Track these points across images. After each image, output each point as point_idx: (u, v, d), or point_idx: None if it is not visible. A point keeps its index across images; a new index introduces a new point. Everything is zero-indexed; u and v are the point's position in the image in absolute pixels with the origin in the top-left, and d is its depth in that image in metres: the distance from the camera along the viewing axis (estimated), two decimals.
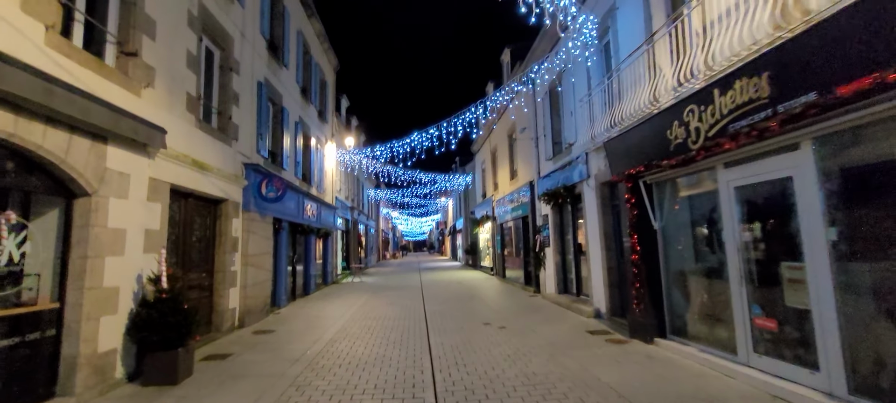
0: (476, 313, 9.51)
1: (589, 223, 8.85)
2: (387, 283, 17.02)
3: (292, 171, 12.15)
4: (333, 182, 18.11)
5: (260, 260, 9.20)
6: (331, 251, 17.03)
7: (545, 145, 11.56)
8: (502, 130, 16.92)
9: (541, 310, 9.57)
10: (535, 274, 12.53)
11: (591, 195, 8.69)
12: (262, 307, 9.24)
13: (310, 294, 13.51)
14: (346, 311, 10.12)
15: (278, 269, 10.80)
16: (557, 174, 10.48)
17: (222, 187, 7.77)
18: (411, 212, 45.31)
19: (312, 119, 14.77)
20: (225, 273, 7.86)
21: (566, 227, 10.98)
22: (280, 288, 10.77)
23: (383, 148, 13.99)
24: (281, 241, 10.98)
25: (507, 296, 12.15)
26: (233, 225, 8.16)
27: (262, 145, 9.72)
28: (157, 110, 5.79)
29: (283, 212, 10.86)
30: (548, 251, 11.69)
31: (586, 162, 8.77)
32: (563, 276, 10.97)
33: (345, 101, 22.04)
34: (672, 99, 5.61)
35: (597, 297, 8.52)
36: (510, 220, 15.87)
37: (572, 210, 10.26)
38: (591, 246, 8.78)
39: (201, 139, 7.10)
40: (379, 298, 12.39)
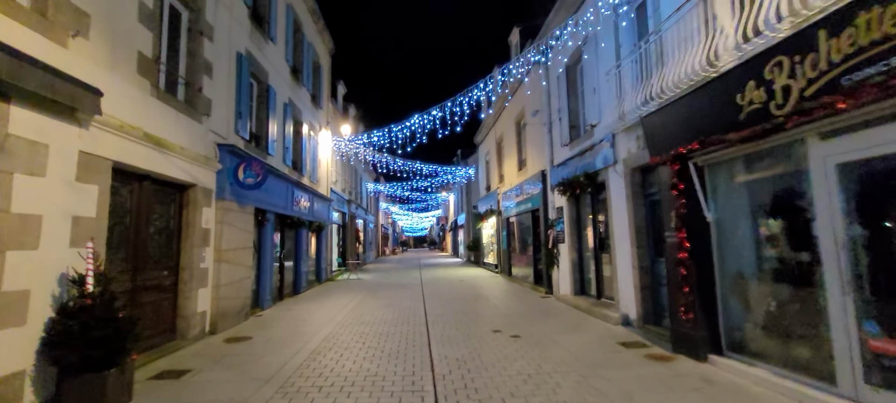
0: (483, 317, 8.37)
1: (615, 215, 7.70)
2: (385, 281, 15.89)
3: (280, 158, 10.99)
4: (329, 173, 16.95)
5: (237, 256, 8.05)
6: (325, 246, 15.89)
7: (560, 129, 10.39)
8: (510, 117, 15.74)
9: (557, 315, 8.43)
10: (547, 272, 11.39)
11: (618, 183, 7.53)
12: (240, 309, 8.10)
13: (300, 293, 12.38)
14: (338, 314, 8.99)
15: (262, 266, 9.66)
16: (575, 161, 9.32)
17: (189, 170, 6.62)
18: (411, 207, 44.18)
19: (304, 103, 13.60)
20: (192, 270, 6.72)
21: (584, 221, 9.83)
22: (264, 287, 9.63)
23: (382, 133, 12.81)
24: (265, 235, 9.83)
25: (516, 297, 11.02)
26: (203, 216, 7.01)
27: (241, 125, 8.56)
28: (92, 67, 4.63)
29: (268, 202, 9.71)
30: (562, 247, 10.54)
31: (613, 144, 7.60)
32: (579, 276, 9.82)
33: (341, 88, 20.85)
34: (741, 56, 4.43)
35: (624, 301, 7.37)
36: (517, 214, 14.72)
37: (592, 201, 9.10)
38: (617, 243, 7.63)
39: (160, 111, 5.93)
40: (375, 298, 11.25)
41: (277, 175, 10.33)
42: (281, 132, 11.16)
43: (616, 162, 7.54)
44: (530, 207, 12.92)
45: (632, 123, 6.90)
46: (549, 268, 11.20)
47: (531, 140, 13.13)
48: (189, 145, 6.62)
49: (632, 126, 6.96)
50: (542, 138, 11.90)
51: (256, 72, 9.68)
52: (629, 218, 7.17)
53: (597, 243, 8.97)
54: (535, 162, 12.62)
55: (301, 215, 12.36)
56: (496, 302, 10.22)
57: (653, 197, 6.88)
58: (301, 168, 13.01)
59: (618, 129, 7.40)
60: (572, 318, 8.03)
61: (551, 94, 11.08)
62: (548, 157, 11.27)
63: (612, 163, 7.62)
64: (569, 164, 9.71)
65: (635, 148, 6.94)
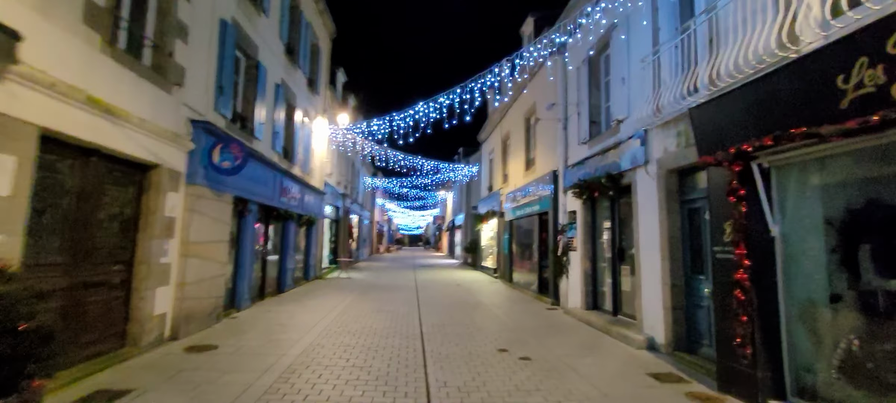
0: (486, 331, 7.41)
1: (642, 223, 6.76)
2: (377, 282, 14.91)
3: (268, 143, 10.00)
4: (323, 164, 15.95)
5: (209, 250, 7.06)
6: (315, 242, 14.89)
7: (578, 126, 9.44)
8: (518, 113, 14.79)
9: (569, 332, 7.48)
10: (555, 282, 10.45)
11: (649, 186, 6.59)
12: (211, 310, 7.11)
13: (284, 291, 11.39)
14: (323, 318, 8.01)
15: (241, 261, 8.67)
16: (595, 161, 8.38)
17: (151, 147, 5.62)
18: (409, 204, 43.22)
19: (299, 87, 12.60)
20: (151, 266, 5.73)
21: (600, 227, 8.89)
22: (241, 285, 8.64)
23: (382, 122, 11.84)
24: (246, 227, 8.84)
25: (520, 307, 10.06)
26: (167, 202, 6.02)
27: (223, 102, 7.56)
28: (13, 4, 3.64)
29: (251, 191, 8.72)
30: (573, 255, 9.60)
31: (644, 142, 6.66)
32: (592, 288, 8.88)
33: (341, 76, 19.83)
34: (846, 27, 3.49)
35: (649, 322, 6.44)
36: (522, 217, 13.77)
37: (613, 206, 8.16)
38: (643, 254, 6.69)
39: (114, 73, 4.94)
40: (366, 301, 10.28)
41: (264, 161, 9.34)
42: (270, 115, 10.17)
43: (647, 162, 6.60)
44: (537, 210, 11.98)
45: (670, 118, 5.96)
46: (556, 277, 10.26)
47: (542, 138, 12.19)
48: (153, 118, 5.63)
49: (670, 121, 6.03)
50: (554, 136, 10.96)
51: (244, 45, 8.68)
52: (661, 227, 6.23)
53: (615, 253, 8.02)
54: (546, 161, 11.68)
55: (289, 207, 11.37)
56: (498, 313, 9.27)
57: (692, 203, 5.95)
58: (292, 156, 12.02)
59: (652, 125, 6.46)
60: (587, 337, 7.09)
61: (569, 87, 10.14)
62: (561, 157, 10.33)
63: (643, 164, 6.68)
64: (587, 164, 8.77)
65: (674, 146, 6.00)
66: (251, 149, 8.46)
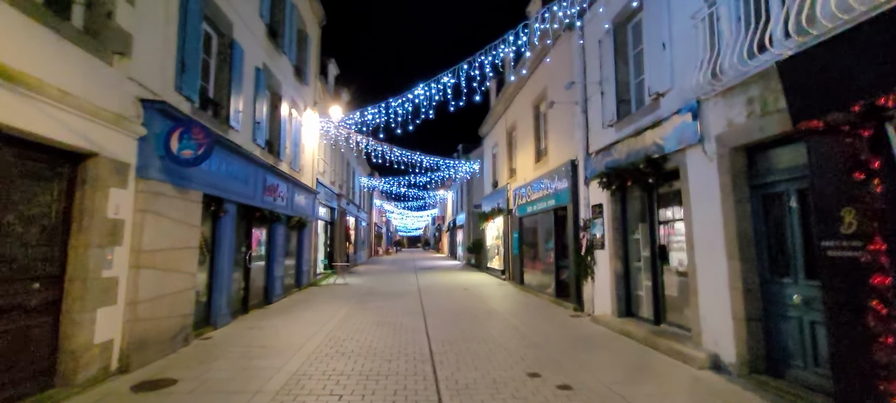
0: (507, 348, 6.22)
1: (698, 214, 5.58)
2: (377, 287, 13.69)
3: (248, 134, 8.77)
4: (315, 161, 14.73)
5: (172, 259, 5.84)
6: (308, 245, 13.66)
7: (602, 107, 8.26)
8: (526, 101, 13.60)
9: (606, 348, 6.29)
10: (577, 285, 9.26)
11: (705, 169, 5.41)
12: (175, 333, 5.88)
13: (272, 302, 10.16)
14: (314, 335, 6.79)
15: (217, 271, 7.44)
16: (626, 144, 7.20)
17: (84, 131, 4.41)
18: (407, 205, 42.04)
19: (285, 75, 11.38)
20: (88, 281, 4.50)
21: (631, 221, 7.71)
22: (218, 298, 7.41)
23: (376, 110, 10.63)
24: (222, 231, 7.61)
25: (540, 315, 8.87)
26: (110, 201, 4.79)
27: (187, 82, 6.34)
28: None
29: (226, 189, 7.50)
30: (599, 254, 8.42)
31: (697, 116, 5.48)
32: (625, 292, 7.70)
33: (333, 68, 18.59)
34: None
35: (711, 335, 5.25)
36: (533, 214, 12.58)
37: (650, 195, 6.98)
38: (700, 252, 5.51)
39: (24, 30, 3.73)
40: (364, 311, 9.07)
41: (242, 155, 8.12)
42: (251, 103, 8.94)
43: (703, 139, 5.41)
44: (552, 205, 10.80)
45: (736, 82, 4.79)
46: (581, 279, 9.07)
47: (555, 125, 11.01)
48: (85, 93, 4.41)
49: (735, 86, 4.85)
50: (571, 121, 9.78)
51: (214, 19, 7.46)
52: (725, 219, 5.04)
53: (655, 251, 6.85)
54: (561, 150, 10.50)
55: (275, 208, 10.14)
56: (516, 322, 8.07)
57: (769, 188, 4.76)
58: (278, 151, 10.79)
59: (708, 94, 5.28)
60: (631, 354, 5.89)
61: (588, 65, 8.95)
62: (580, 144, 9.14)
63: (696, 142, 5.50)
64: (614, 150, 7.59)
65: (742, 117, 4.82)
66: (225, 139, 7.24)
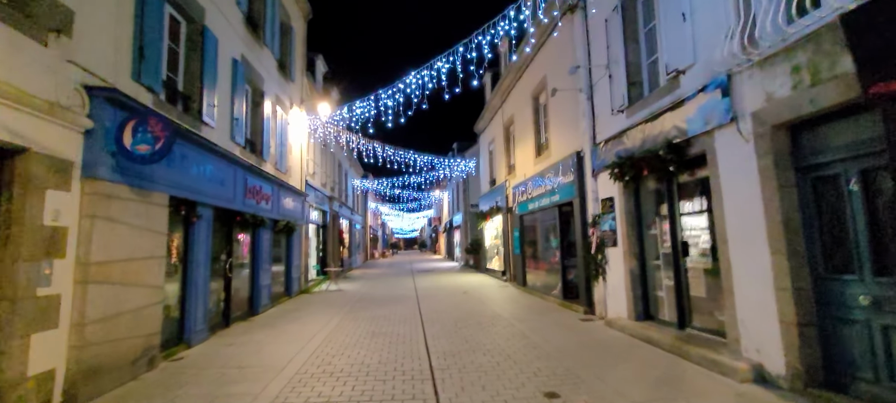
0: (517, 360, 5.51)
1: (731, 203, 4.91)
2: (372, 293, 12.95)
3: (225, 131, 8.02)
4: (304, 162, 13.98)
5: (131, 271, 5.09)
6: (298, 251, 12.90)
7: (611, 92, 7.59)
8: (524, 93, 12.93)
9: (628, 357, 5.60)
10: (587, 286, 8.58)
11: (739, 151, 4.75)
12: (137, 355, 5.13)
13: (258, 313, 9.40)
14: (300, 351, 6.06)
15: (190, 282, 6.69)
16: (640, 131, 6.53)
17: (6, 121, 3.66)
18: (403, 206, 41.31)
19: (268, 69, 10.63)
20: (17, 302, 3.75)
21: (647, 215, 7.05)
22: (192, 312, 6.66)
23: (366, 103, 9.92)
24: (196, 237, 6.86)
25: (548, 320, 8.17)
26: (47, 205, 4.05)
27: (148, 71, 5.59)
28: None
29: (199, 190, 6.76)
30: (611, 252, 7.75)
31: (728, 92, 4.82)
32: (642, 293, 7.03)
33: (321, 65, 17.83)
34: None
35: (753, 342, 4.58)
36: (535, 211, 11.90)
37: (669, 185, 6.32)
38: (735, 246, 4.84)
39: None
40: (357, 321, 8.33)
41: (218, 154, 7.38)
42: (228, 97, 8.20)
43: (736, 118, 4.74)
44: (556, 200, 10.12)
45: (778, 48, 4.12)
46: (590, 280, 8.39)
47: (557, 115, 10.34)
48: (7, 76, 3.66)
49: (777, 53, 4.19)
50: (575, 110, 9.11)
51: (182, 2, 6.71)
52: (767, 208, 4.37)
53: (678, 247, 6.17)
54: (564, 142, 9.83)
55: (259, 211, 9.39)
56: (523, 328, 7.37)
57: (820, 169, 4.10)
58: (262, 150, 10.04)
59: (740, 66, 4.61)
60: (658, 365, 5.21)
61: (592, 47, 8.29)
62: (587, 133, 8.48)
63: (727, 121, 4.83)
64: (626, 137, 6.92)
65: (786, 89, 4.15)
66: (197, 135, 6.49)
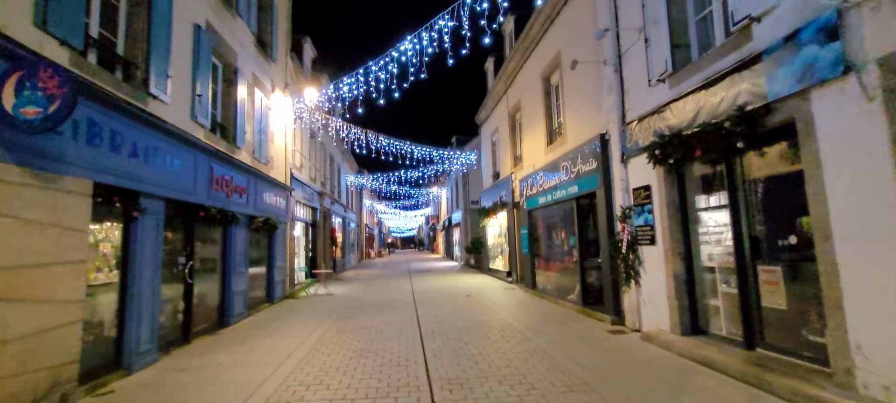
0: (547, 394, 4.22)
1: (839, 185, 3.64)
2: (364, 297, 11.64)
3: (183, 110, 6.69)
4: (289, 154, 12.65)
5: (29, 283, 3.77)
6: (281, 252, 11.57)
7: (648, 59, 6.32)
8: (533, 74, 11.64)
9: (689, 388, 4.32)
10: (614, 291, 7.32)
11: (851, 117, 3.47)
12: (40, 395, 3.81)
13: (229, 324, 8.08)
14: (265, 381, 4.75)
15: (132, 292, 5.37)
16: (693, 100, 5.26)
17: None
18: (400, 204, 40.00)
19: (242, 44, 9.30)
20: None
21: (694, 205, 5.78)
22: (134, 329, 5.33)
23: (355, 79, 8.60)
24: (140, 236, 5.53)
25: (570, 332, 6.89)
26: None
27: (58, 16, 4.25)
28: None
29: (144, 177, 5.43)
30: (647, 251, 6.49)
31: (835, 37, 3.54)
32: (689, 302, 5.76)
33: (310, 49, 16.46)
34: None
35: (882, 375, 3.32)
36: (548, 205, 10.60)
37: (732, 168, 5.04)
38: (846, 244, 3.57)
39: None
40: (344, 333, 7.03)
41: (173, 135, 6.06)
42: (187, 69, 6.87)
43: (850, 69, 3.46)
44: (574, 192, 8.83)
45: None
46: (620, 285, 7.12)
47: (575, 94, 9.05)
48: None
49: None
50: (596, 86, 7.84)
51: None
52: None
53: (745, 243, 4.90)
54: (584, 125, 8.55)
55: (230, 206, 8.07)
56: (543, 344, 6.08)
57: None
58: (235, 136, 8.71)
59: None
60: (731, 401, 3.94)
61: (622, 8, 7.01)
62: (614, 112, 7.20)
63: (835, 75, 3.55)
64: (672, 110, 5.65)
65: None
66: (138, 109, 5.15)
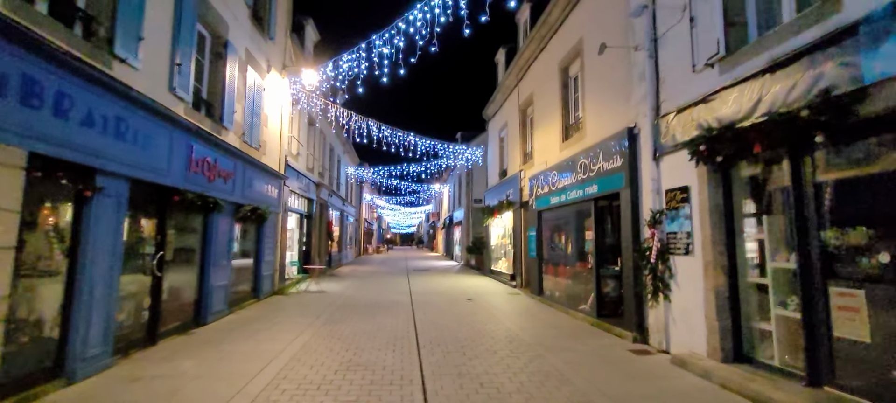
0: None
1: None
2: (358, 296, 10.83)
3: (158, 77, 5.88)
4: (285, 140, 11.85)
5: None
6: (270, 244, 10.78)
7: (692, 40, 5.49)
8: (548, 64, 10.81)
9: None
10: (637, 304, 6.50)
11: None
12: None
13: (206, 322, 7.28)
14: (233, 398, 3.97)
15: (79, 285, 4.56)
16: (752, 87, 4.44)
17: None
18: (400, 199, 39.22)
19: (235, 14, 8.48)
20: None
21: (741, 211, 4.96)
22: (81, 330, 4.53)
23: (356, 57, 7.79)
24: (96, 220, 4.72)
25: (586, 349, 6.06)
26: None
27: None
28: None
29: (103, 152, 4.63)
30: (679, 262, 5.67)
31: None
32: (732, 324, 4.94)
33: (312, 32, 15.61)
34: None
35: None
36: (562, 205, 9.78)
37: (799, 167, 4.22)
38: None
39: None
40: (332, 340, 6.22)
41: (143, 105, 5.25)
42: (165, 33, 6.05)
43: None
44: (592, 193, 8.01)
45: None
46: (644, 297, 6.30)
47: (598, 86, 8.23)
48: None
49: None
50: (624, 75, 7.02)
51: None
52: None
53: (814, 258, 4.07)
54: (607, 119, 7.73)
55: (212, 191, 7.26)
56: (557, 363, 5.27)
57: None
58: (221, 115, 7.90)
59: None
60: None
61: None
62: (646, 103, 6.38)
63: None
64: (723, 100, 4.83)
65: None
66: (97, 71, 4.33)
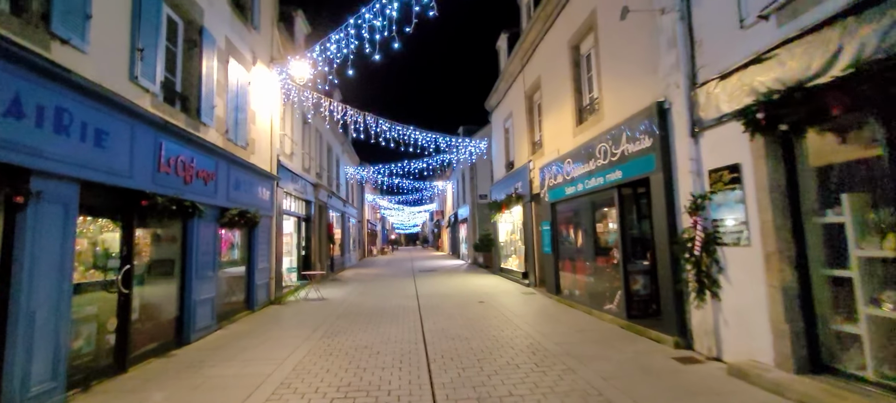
0: None
1: None
2: (361, 303, 10.04)
3: (116, 65, 5.09)
4: (276, 139, 11.06)
5: None
6: (264, 250, 9.99)
7: None
8: (558, 42, 9.94)
9: None
10: (677, 305, 5.65)
11: None
12: None
13: (189, 341, 6.50)
14: None
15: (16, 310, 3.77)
16: (827, 36, 3.59)
17: None
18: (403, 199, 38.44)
19: (213, 1, 7.68)
20: None
21: (814, 194, 4.11)
22: (21, 362, 3.74)
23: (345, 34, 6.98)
24: (30, 231, 3.94)
25: (621, 358, 5.23)
26: None
27: None
28: None
29: (42, 150, 3.83)
30: (729, 254, 4.83)
31: None
32: (804, 327, 4.10)
33: (302, 24, 14.79)
34: None
35: None
36: (579, 195, 8.92)
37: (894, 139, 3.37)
38: None
39: None
40: (330, 358, 5.41)
41: (98, 96, 4.45)
42: (125, 15, 5.26)
43: None
44: (615, 179, 7.16)
45: None
46: (685, 296, 5.46)
47: (616, 60, 7.38)
48: None
49: None
50: (651, 42, 6.17)
51: None
52: None
53: None
54: (630, 94, 6.88)
55: (189, 194, 6.47)
56: (591, 377, 4.44)
57: None
58: (198, 110, 7.10)
59: None
60: None
61: None
62: (679, 71, 5.53)
63: None
64: (783, 57, 3.97)
65: None
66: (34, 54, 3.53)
